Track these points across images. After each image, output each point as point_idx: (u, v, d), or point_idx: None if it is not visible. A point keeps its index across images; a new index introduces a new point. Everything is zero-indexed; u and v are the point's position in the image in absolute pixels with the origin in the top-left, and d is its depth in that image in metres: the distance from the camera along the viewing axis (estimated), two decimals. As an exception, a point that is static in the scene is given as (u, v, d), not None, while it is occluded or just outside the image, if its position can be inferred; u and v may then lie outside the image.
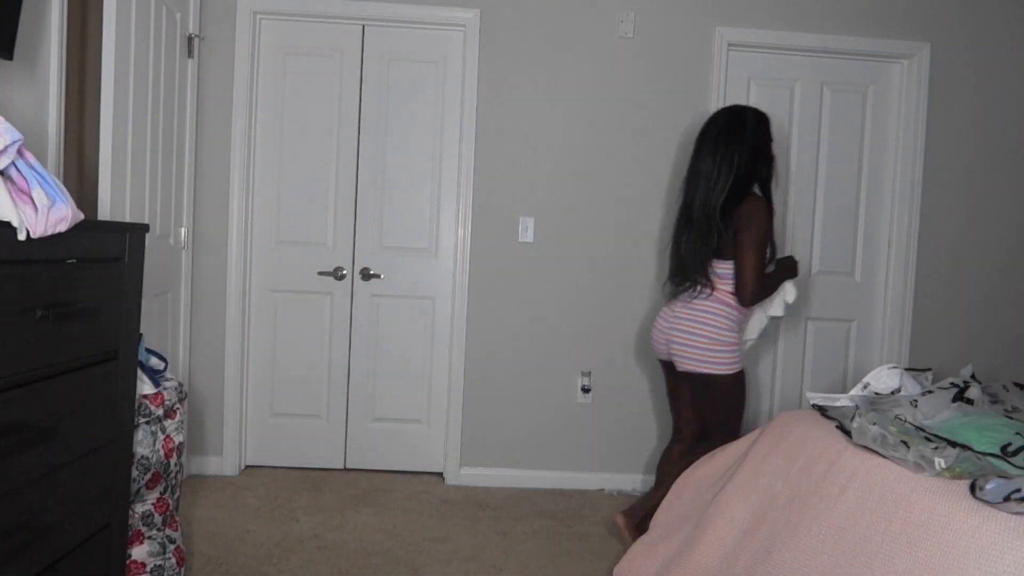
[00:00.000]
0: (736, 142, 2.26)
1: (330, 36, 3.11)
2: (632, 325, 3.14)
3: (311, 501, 2.82)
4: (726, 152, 2.25)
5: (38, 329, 1.32)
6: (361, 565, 2.30)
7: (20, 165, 1.27)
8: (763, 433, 1.89)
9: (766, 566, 1.56)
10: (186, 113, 2.91)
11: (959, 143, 3.19)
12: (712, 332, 2.24)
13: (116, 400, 1.60)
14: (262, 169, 3.12)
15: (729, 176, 2.23)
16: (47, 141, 2.12)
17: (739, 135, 2.27)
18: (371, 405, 3.20)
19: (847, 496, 1.44)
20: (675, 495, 2.12)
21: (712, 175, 2.26)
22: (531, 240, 3.11)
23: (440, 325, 3.19)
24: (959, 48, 3.16)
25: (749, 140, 2.27)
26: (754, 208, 2.20)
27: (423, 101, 3.14)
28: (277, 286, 3.16)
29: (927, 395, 1.69)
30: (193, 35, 2.89)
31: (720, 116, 2.35)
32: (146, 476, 1.80)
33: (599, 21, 3.08)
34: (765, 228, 2.20)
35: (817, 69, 3.18)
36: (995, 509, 1.17)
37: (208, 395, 3.09)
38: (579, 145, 3.11)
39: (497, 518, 2.76)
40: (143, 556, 1.83)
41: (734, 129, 2.28)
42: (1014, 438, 1.40)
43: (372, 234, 3.16)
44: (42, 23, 2.09)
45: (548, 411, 3.16)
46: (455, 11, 3.04)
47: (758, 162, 2.29)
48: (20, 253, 1.26)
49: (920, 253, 3.19)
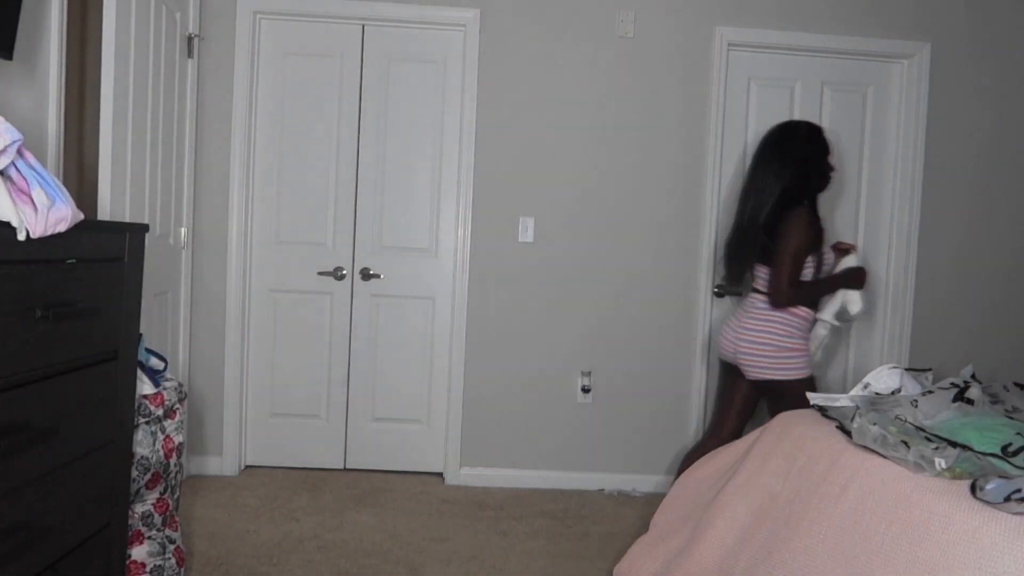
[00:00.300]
0: (786, 156, 2.37)
1: (330, 36, 3.11)
2: (632, 325, 3.14)
3: (311, 501, 2.82)
4: (776, 166, 2.37)
5: (38, 329, 1.32)
6: (361, 565, 2.30)
7: (20, 165, 1.27)
8: (763, 433, 1.89)
9: (766, 566, 1.56)
10: (186, 113, 2.91)
11: (959, 143, 3.19)
12: (777, 339, 2.32)
13: (116, 400, 1.60)
14: (262, 169, 3.12)
15: (776, 189, 2.34)
16: (47, 141, 2.12)
17: (789, 149, 2.38)
18: (371, 405, 3.20)
19: (847, 496, 1.44)
20: (675, 495, 2.13)
21: (761, 189, 2.38)
22: (531, 240, 3.11)
23: (440, 325, 3.19)
24: (959, 48, 3.16)
25: (799, 154, 2.37)
26: (794, 219, 2.30)
27: (423, 101, 3.14)
28: (277, 286, 3.16)
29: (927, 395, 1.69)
30: (193, 35, 2.89)
31: (773, 132, 2.47)
32: (146, 476, 1.80)
33: (599, 21, 3.08)
34: (804, 238, 2.29)
35: (817, 69, 3.18)
36: (995, 509, 1.17)
37: (208, 395, 3.09)
38: (579, 145, 3.11)
39: (497, 518, 2.76)
40: (143, 556, 1.82)
41: (784, 144, 2.40)
42: (1014, 438, 1.40)
43: (372, 234, 3.16)
44: (42, 23, 2.09)
45: (548, 411, 3.16)
46: (455, 11, 3.04)
47: (810, 175, 2.39)
48: (20, 253, 1.26)
49: (920, 253, 3.19)
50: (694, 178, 3.13)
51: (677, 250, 3.14)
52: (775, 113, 3.17)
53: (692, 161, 3.13)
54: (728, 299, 3.19)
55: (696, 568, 1.79)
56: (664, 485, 3.11)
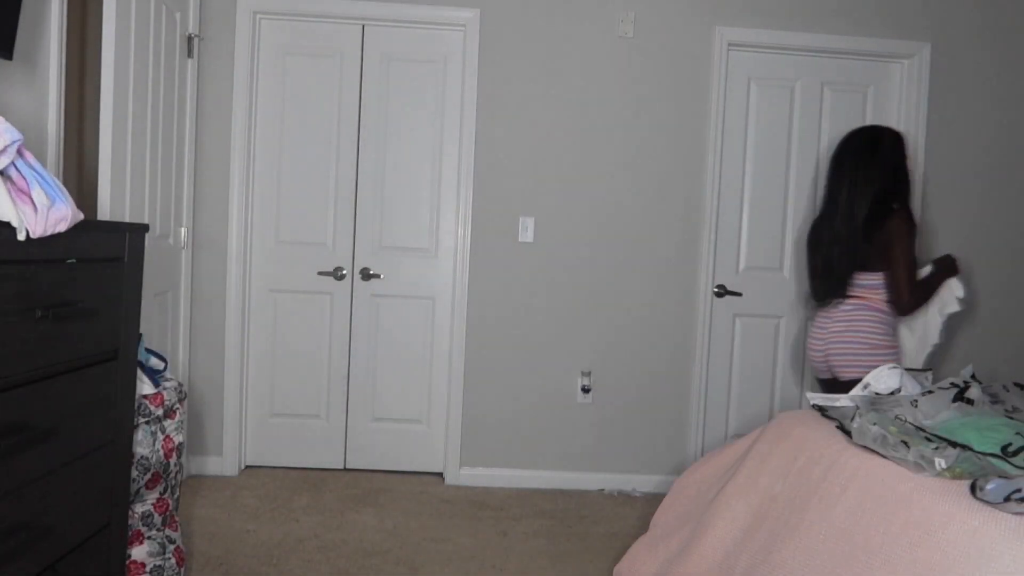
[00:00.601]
0: (873, 165, 2.37)
1: (330, 36, 3.11)
2: (632, 325, 3.14)
3: (311, 501, 2.82)
4: (865, 175, 2.36)
5: (38, 329, 1.32)
6: (361, 565, 2.30)
7: (20, 165, 1.27)
8: (763, 433, 1.89)
9: (766, 566, 1.56)
10: (186, 113, 2.91)
11: (959, 143, 3.19)
12: (866, 337, 2.33)
13: (116, 400, 1.60)
14: (262, 169, 3.12)
15: (868, 196, 2.34)
16: (47, 141, 2.12)
17: (876, 158, 2.38)
18: (371, 405, 3.20)
19: (847, 496, 1.44)
20: (675, 495, 2.12)
21: (852, 197, 2.37)
22: (531, 240, 3.11)
23: (440, 325, 3.19)
24: (959, 48, 3.16)
25: (887, 161, 2.38)
26: (899, 223, 2.31)
27: (423, 101, 3.14)
28: (277, 286, 3.16)
29: (927, 395, 1.69)
30: (193, 35, 2.89)
31: (855, 138, 2.46)
32: (146, 476, 1.80)
33: (599, 21, 3.08)
34: (911, 240, 2.32)
35: (817, 69, 3.18)
36: (995, 509, 1.17)
37: (208, 395, 3.09)
38: (579, 145, 3.11)
39: (497, 518, 2.76)
40: (143, 556, 1.82)
41: (870, 152, 2.39)
42: (1014, 438, 1.40)
43: (372, 234, 3.16)
44: (42, 23, 2.09)
45: (548, 411, 3.16)
46: (455, 11, 3.04)
47: (897, 181, 2.40)
48: (20, 253, 1.26)
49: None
50: (694, 178, 3.13)
51: (677, 250, 3.14)
52: (775, 113, 3.18)
53: (692, 161, 3.13)
54: (728, 298, 3.19)
55: (696, 568, 1.79)
56: (664, 485, 3.11)
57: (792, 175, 3.20)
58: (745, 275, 3.21)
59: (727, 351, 3.22)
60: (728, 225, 3.19)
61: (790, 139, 3.19)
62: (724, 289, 3.18)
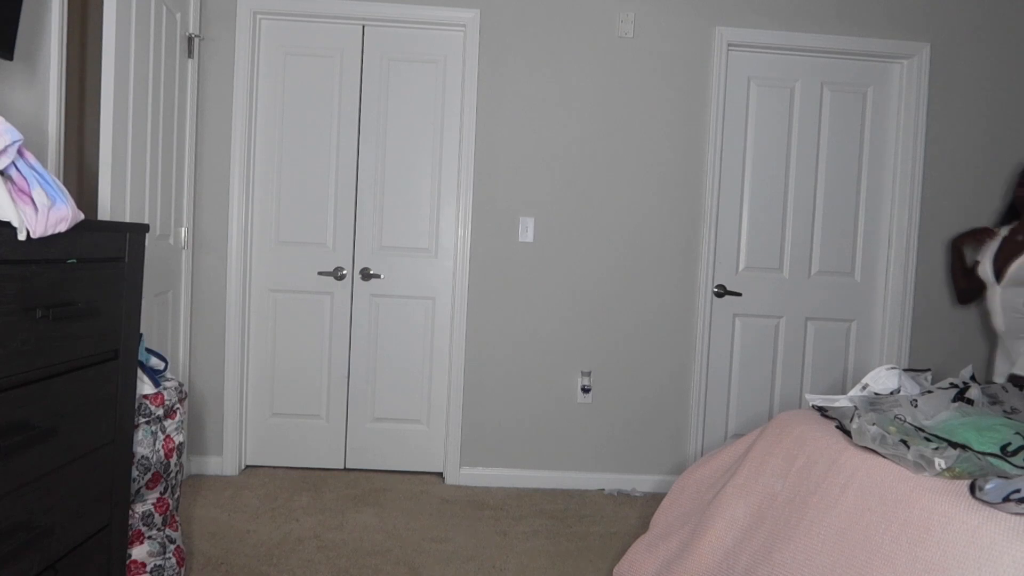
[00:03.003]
0: None
1: (330, 36, 3.11)
2: (632, 325, 3.14)
3: (311, 501, 2.82)
4: None
5: (38, 329, 1.32)
6: (361, 565, 2.30)
7: (20, 165, 1.27)
8: (763, 433, 1.89)
9: (766, 566, 1.56)
10: (186, 113, 2.91)
11: (959, 143, 3.20)
12: None
13: (116, 400, 1.60)
14: (262, 169, 3.12)
15: None
16: (47, 141, 2.12)
17: None
18: (371, 405, 3.20)
19: (847, 496, 1.44)
20: (675, 495, 2.12)
21: None
22: (531, 240, 3.11)
23: (440, 325, 3.19)
24: (959, 48, 3.17)
25: None
26: None
27: (423, 101, 3.14)
28: (277, 286, 3.16)
29: (927, 395, 1.69)
30: (193, 35, 2.89)
31: None
32: (146, 476, 1.81)
33: (599, 21, 3.09)
34: None
35: (817, 69, 3.18)
36: (995, 509, 1.17)
37: (208, 395, 3.09)
38: (579, 145, 3.11)
39: (497, 518, 2.76)
40: (143, 556, 1.83)
41: None
42: (1013, 438, 1.40)
43: (372, 234, 3.17)
44: (42, 23, 2.09)
45: (548, 411, 3.16)
46: (455, 11, 3.04)
47: None
48: (20, 253, 1.26)
49: (920, 253, 3.19)
50: (694, 178, 3.13)
51: (677, 250, 3.14)
52: (775, 113, 3.18)
53: (692, 161, 3.13)
54: (728, 298, 3.19)
55: (696, 568, 1.79)
56: (664, 485, 3.12)
57: (792, 175, 3.20)
58: (745, 275, 3.21)
59: (727, 351, 3.22)
60: (728, 225, 3.19)
61: (790, 139, 3.19)
62: (724, 289, 3.19)
